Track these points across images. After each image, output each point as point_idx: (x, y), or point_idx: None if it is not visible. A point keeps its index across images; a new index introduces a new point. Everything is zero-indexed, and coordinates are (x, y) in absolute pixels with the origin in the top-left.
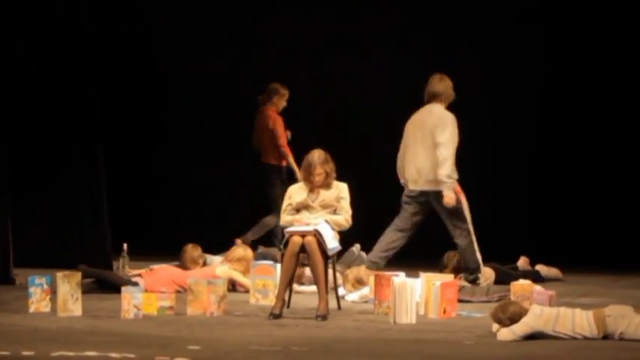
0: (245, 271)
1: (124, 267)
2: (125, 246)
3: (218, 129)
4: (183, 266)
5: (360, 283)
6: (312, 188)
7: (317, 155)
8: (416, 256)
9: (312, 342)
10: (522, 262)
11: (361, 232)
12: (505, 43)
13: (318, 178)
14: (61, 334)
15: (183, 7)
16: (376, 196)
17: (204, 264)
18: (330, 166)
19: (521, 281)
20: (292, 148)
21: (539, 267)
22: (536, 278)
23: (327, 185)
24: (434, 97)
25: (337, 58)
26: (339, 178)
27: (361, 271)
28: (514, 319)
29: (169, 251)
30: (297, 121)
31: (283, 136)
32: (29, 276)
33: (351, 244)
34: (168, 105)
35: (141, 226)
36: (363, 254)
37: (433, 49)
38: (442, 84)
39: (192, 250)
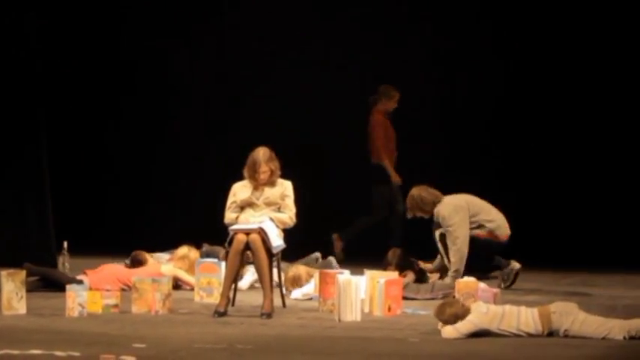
0: (189, 270)
1: (64, 265)
2: (65, 244)
3: (176, 125)
4: (130, 265)
5: (296, 282)
6: (256, 186)
7: (262, 153)
8: (361, 253)
9: (257, 340)
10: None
11: (305, 230)
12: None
13: (263, 176)
14: (6, 332)
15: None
16: (320, 195)
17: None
18: (275, 164)
19: (466, 278)
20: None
21: None
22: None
23: (271, 183)
24: None
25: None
26: (283, 176)
27: (300, 269)
28: (452, 320)
29: (118, 250)
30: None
31: (381, 138)
32: None
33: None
34: (123, 100)
35: (89, 225)
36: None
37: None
38: None
39: (139, 255)
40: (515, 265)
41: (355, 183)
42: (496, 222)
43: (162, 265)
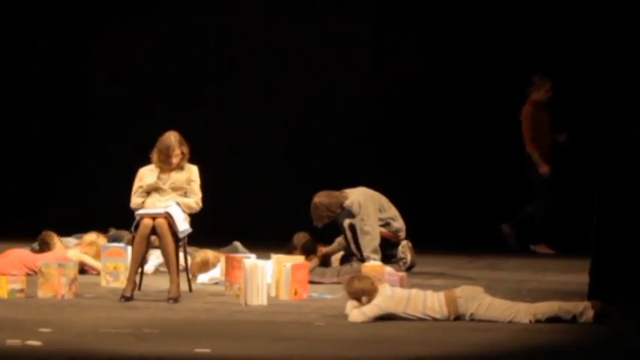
0: (96, 256)
1: None
2: None
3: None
4: (37, 249)
5: (204, 267)
6: (162, 170)
7: (173, 137)
8: (266, 237)
9: (164, 324)
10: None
11: (209, 215)
12: None
13: (176, 160)
14: None
15: None
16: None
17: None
18: (186, 148)
19: (372, 262)
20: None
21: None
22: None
23: (180, 167)
24: None
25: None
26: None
27: (209, 254)
28: (358, 295)
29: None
30: None
31: (528, 129)
32: None
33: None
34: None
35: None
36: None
37: None
38: None
39: (48, 237)
40: (405, 242)
41: None
42: (399, 222)
43: (69, 250)
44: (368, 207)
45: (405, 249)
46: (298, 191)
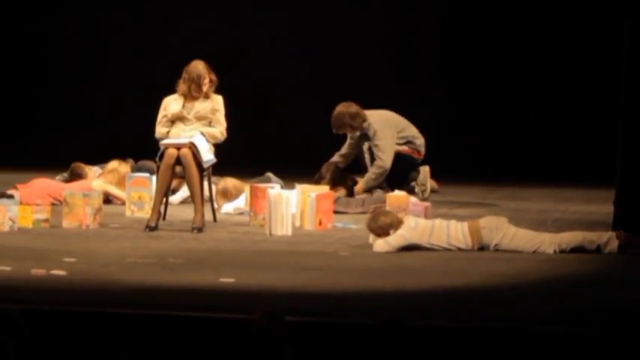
0: (118, 184)
1: None
2: None
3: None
4: (68, 178)
5: (225, 195)
6: (187, 100)
7: (202, 66)
8: (292, 167)
9: (188, 254)
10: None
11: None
12: None
13: (205, 88)
14: None
15: None
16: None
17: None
18: (214, 76)
19: (397, 192)
20: None
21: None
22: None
23: (206, 96)
24: None
25: None
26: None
27: (228, 182)
28: (386, 229)
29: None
30: None
31: None
32: None
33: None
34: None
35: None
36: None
37: None
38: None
39: (79, 168)
40: (425, 168)
41: None
42: (420, 139)
43: (94, 180)
44: (385, 132)
45: (425, 176)
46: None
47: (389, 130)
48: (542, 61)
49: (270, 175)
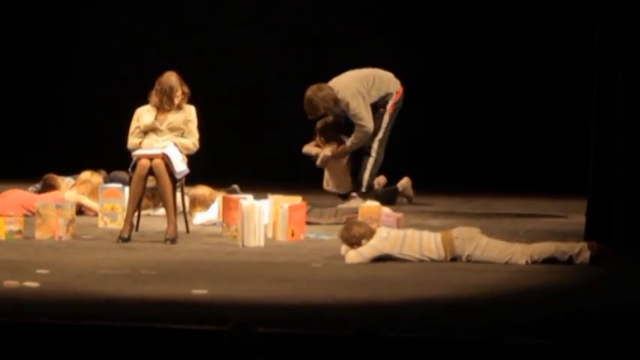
0: (91, 194)
1: None
2: None
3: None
4: (41, 189)
5: (201, 202)
6: (160, 111)
7: (174, 78)
8: (265, 178)
9: (161, 265)
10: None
11: (208, 157)
12: None
13: (177, 100)
14: None
15: None
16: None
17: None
18: (187, 88)
19: (369, 203)
20: None
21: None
22: (394, 197)
23: (178, 107)
24: None
25: None
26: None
27: (204, 189)
28: (358, 240)
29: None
30: None
31: None
32: None
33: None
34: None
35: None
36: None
37: None
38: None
39: (52, 179)
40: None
41: None
42: (393, 87)
43: (66, 191)
44: (358, 103)
45: (408, 188)
46: (298, 131)
47: (359, 96)
48: (515, 72)
49: (235, 187)
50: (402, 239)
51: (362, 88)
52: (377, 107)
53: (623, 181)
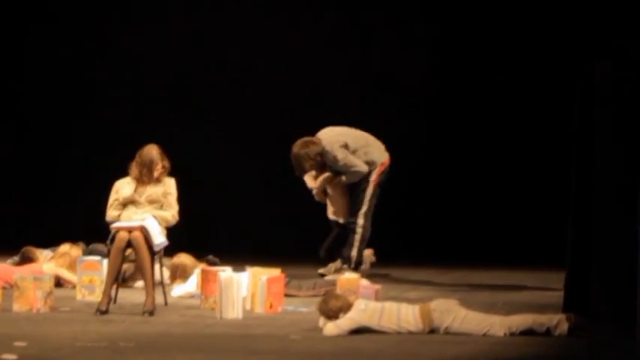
0: (70, 267)
1: None
2: None
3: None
4: (19, 262)
5: (183, 272)
6: (139, 183)
7: (155, 151)
8: (243, 250)
9: (139, 338)
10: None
11: (190, 229)
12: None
13: (157, 174)
14: None
15: None
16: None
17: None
18: (167, 162)
19: (348, 275)
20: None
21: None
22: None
23: (157, 180)
24: None
25: None
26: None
27: (186, 259)
28: (336, 312)
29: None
30: None
31: None
32: None
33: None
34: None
35: None
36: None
37: None
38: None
39: (30, 252)
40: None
41: None
42: (378, 157)
43: (44, 263)
44: (344, 155)
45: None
46: (274, 205)
47: (345, 150)
48: (492, 145)
49: (212, 257)
50: (380, 311)
51: (350, 144)
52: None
53: (601, 254)
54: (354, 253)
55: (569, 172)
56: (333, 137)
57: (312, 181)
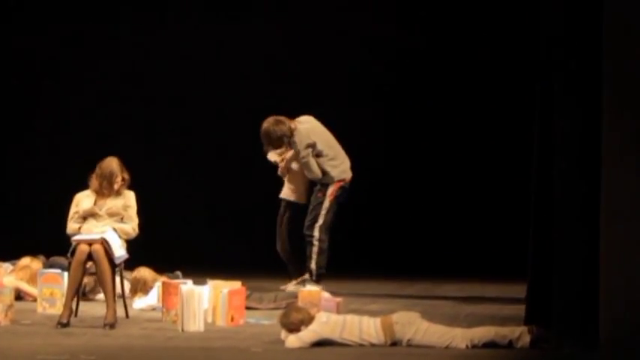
0: (30, 280)
1: None
2: None
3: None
4: None
5: (143, 286)
6: (99, 196)
7: (115, 163)
8: (204, 262)
9: (100, 350)
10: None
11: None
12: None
13: (117, 186)
14: None
15: None
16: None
17: None
18: (127, 174)
19: (309, 287)
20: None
21: None
22: None
23: (117, 193)
24: None
25: None
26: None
27: (146, 273)
28: (297, 325)
29: None
30: None
31: None
32: None
33: None
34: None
35: None
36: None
37: None
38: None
39: None
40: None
41: None
42: (340, 166)
43: (5, 276)
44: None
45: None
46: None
47: (308, 149)
48: (454, 156)
49: (178, 273)
50: (342, 324)
51: (318, 147)
52: (317, 189)
53: (562, 266)
54: (313, 265)
55: (530, 184)
56: (305, 131)
57: (276, 156)
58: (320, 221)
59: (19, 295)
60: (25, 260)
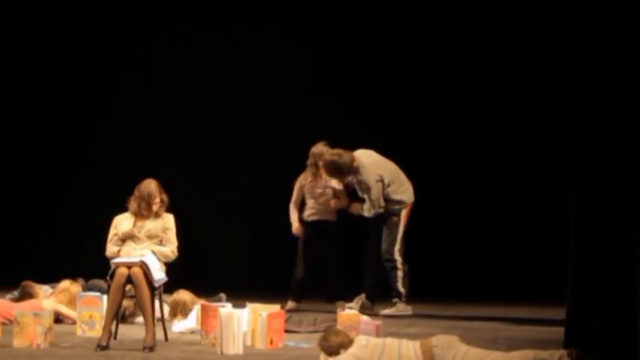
0: (69, 303)
1: None
2: None
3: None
4: (16, 298)
5: (182, 309)
6: (138, 218)
7: (153, 185)
8: (244, 286)
9: None
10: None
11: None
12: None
13: (156, 207)
14: None
15: None
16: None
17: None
18: (165, 196)
19: (348, 311)
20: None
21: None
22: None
23: (156, 215)
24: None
25: None
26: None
27: (185, 295)
28: (336, 349)
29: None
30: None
31: None
32: None
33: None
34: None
35: None
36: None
37: None
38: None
39: (29, 287)
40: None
41: None
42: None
43: (44, 299)
44: (372, 185)
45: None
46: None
47: (379, 184)
48: (493, 180)
49: (222, 295)
50: (382, 347)
51: (385, 178)
52: (390, 214)
53: (601, 288)
54: (400, 287)
55: (570, 207)
56: (371, 166)
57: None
58: (398, 245)
59: (59, 318)
60: (65, 283)
